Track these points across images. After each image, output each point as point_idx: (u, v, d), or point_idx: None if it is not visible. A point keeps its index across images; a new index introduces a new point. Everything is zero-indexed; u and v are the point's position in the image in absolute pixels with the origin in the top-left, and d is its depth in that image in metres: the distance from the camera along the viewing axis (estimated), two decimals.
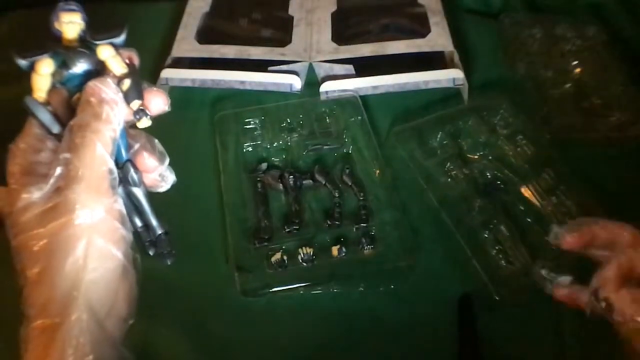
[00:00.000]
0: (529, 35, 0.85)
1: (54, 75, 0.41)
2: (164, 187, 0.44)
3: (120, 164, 0.41)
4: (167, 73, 0.77)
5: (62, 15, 0.42)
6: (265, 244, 0.63)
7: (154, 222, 0.43)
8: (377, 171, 0.71)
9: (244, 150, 0.73)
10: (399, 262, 0.63)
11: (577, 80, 0.80)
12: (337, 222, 0.66)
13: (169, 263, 0.45)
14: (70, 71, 0.41)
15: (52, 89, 0.41)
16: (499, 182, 0.70)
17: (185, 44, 0.81)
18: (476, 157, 0.72)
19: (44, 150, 0.41)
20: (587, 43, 0.83)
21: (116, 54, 0.42)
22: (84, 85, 0.40)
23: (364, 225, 0.66)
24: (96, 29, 0.42)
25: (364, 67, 0.80)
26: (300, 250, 0.63)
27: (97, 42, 0.41)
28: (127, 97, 0.41)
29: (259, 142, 0.74)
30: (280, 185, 0.69)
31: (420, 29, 0.85)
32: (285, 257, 0.62)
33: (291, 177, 0.69)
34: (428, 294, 0.63)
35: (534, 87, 0.80)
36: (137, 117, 0.41)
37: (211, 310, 0.61)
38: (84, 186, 0.36)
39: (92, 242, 0.36)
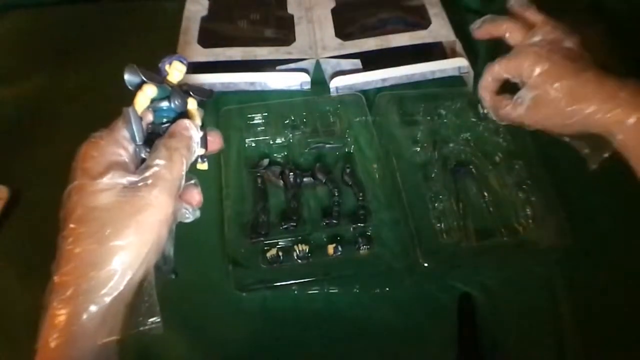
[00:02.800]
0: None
1: (151, 100, 0.48)
2: (189, 219, 0.51)
3: None
4: None
5: (176, 64, 0.49)
6: (262, 239, 0.64)
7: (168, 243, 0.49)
8: (377, 174, 0.70)
9: (247, 146, 0.74)
10: (394, 263, 0.63)
11: None
12: (334, 221, 0.66)
13: (173, 277, 0.51)
14: (164, 105, 0.48)
15: (144, 110, 0.48)
16: (470, 166, 0.71)
17: (189, 49, 0.82)
18: (455, 138, 0.74)
19: (124, 151, 0.45)
20: (588, 42, 0.80)
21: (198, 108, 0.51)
22: (172, 119, 0.48)
23: (362, 225, 0.66)
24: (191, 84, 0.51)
25: (367, 61, 0.80)
26: (295, 247, 0.63)
27: (192, 95, 0.50)
28: (201, 143, 0.50)
29: (261, 138, 0.75)
30: (281, 181, 0.70)
31: (421, 20, 0.85)
32: (280, 253, 0.63)
33: (292, 174, 0.69)
34: (425, 296, 0.62)
35: None
36: (201, 160, 0.50)
37: (206, 307, 0.62)
38: (168, 188, 0.43)
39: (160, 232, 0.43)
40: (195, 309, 0.62)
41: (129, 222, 0.41)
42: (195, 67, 0.80)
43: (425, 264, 0.62)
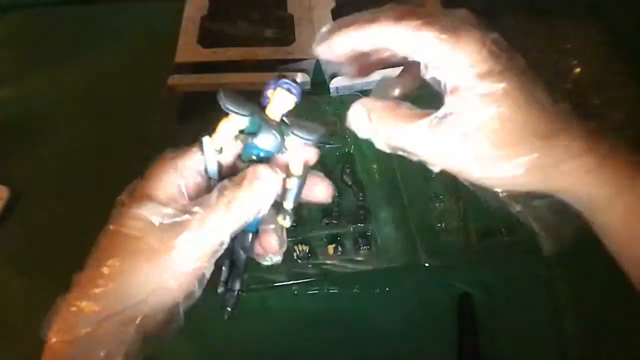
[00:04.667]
0: (528, 34, 0.84)
1: (240, 131, 0.41)
2: (267, 262, 0.45)
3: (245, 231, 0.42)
4: (174, 80, 0.78)
5: (280, 93, 0.40)
6: None
7: (238, 281, 0.44)
8: (377, 174, 0.70)
9: None
10: (394, 263, 0.63)
11: (577, 80, 0.79)
12: (334, 221, 0.66)
13: (225, 317, 0.45)
14: (255, 142, 0.41)
15: (231, 140, 0.42)
16: None
17: (189, 49, 0.82)
18: None
19: (183, 180, 0.41)
20: (587, 42, 0.82)
21: (302, 151, 0.41)
22: (263, 159, 0.41)
23: (361, 225, 0.66)
24: (299, 117, 0.41)
25: None
26: (295, 247, 0.63)
27: (295, 134, 0.41)
28: (285, 195, 0.41)
29: None
30: None
31: None
32: None
33: None
34: (425, 295, 0.62)
35: None
36: (283, 216, 0.41)
37: (206, 307, 0.62)
38: (200, 240, 0.38)
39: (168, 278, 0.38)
40: (196, 309, 0.61)
41: (143, 270, 0.38)
42: (195, 67, 0.80)
43: (426, 264, 0.62)
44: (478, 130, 0.36)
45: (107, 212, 0.67)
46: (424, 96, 0.40)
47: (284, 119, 0.41)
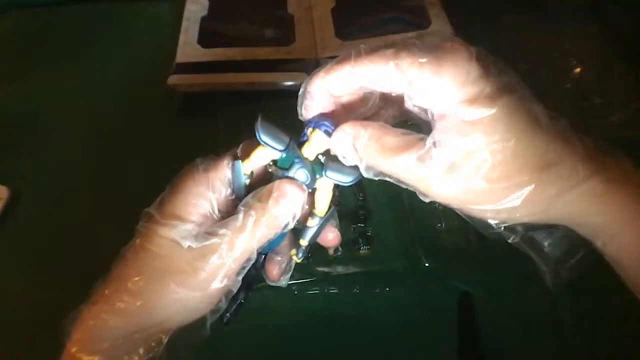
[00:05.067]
0: (529, 33, 0.85)
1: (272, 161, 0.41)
2: (282, 282, 0.46)
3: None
4: (174, 79, 0.78)
5: (317, 135, 0.39)
6: None
7: (243, 292, 0.44)
8: None
9: None
10: (395, 263, 0.63)
11: (577, 80, 0.79)
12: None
13: (224, 320, 0.44)
14: (287, 175, 0.40)
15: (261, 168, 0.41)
16: None
17: (189, 49, 0.82)
18: None
19: (222, 193, 0.41)
20: (587, 42, 0.82)
21: (331, 192, 0.41)
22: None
23: (362, 225, 0.66)
24: (334, 159, 0.40)
25: None
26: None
27: (328, 176, 0.40)
28: (303, 232, 0.42)
29: None
30: None
31: (421, 21, 0.85)
32: None
33: None
34: (425, 295, 0.62)
35: (533, 86, 0.78)
36: (297, 251, 0.42)
37: None
38: (228, 262, 0.38)
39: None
40: None
41: (170, 290, 0.38)
42: (195, 67, 0.80)
43: (426, 264, 0.62)
44: (466, 162, 0.33)
45: (107, 212, 0.68)
46: None
47: (320, 157, 0.40)
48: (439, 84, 0.33)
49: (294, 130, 0.41)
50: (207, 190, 0.40)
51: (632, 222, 0.34)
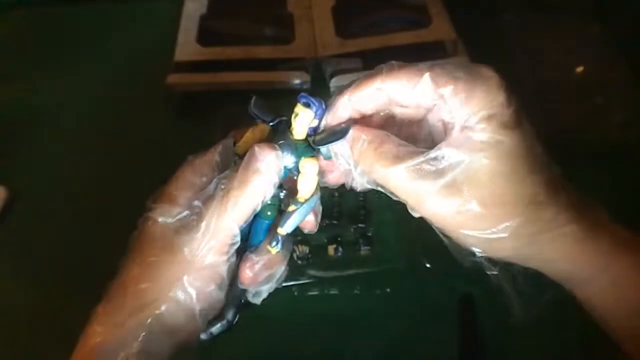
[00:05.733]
0: (529, 33, 0.85)
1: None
2: (256, 299, 0.44)
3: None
4: (173, 79, 0.78)
5: (298, 107, 0.38)
6: None
7: (232, 311, 0.42)
8: None
9: None
10: (395, 264, 0.63)
11: (578, 80, 0.79)
12: (335, 222, 0.65)
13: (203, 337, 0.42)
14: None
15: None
16: None
17: (188, 48, 0.82)
18: None
19: (210, 175, 0.40)
20: (588, 42, 0.82)
21: (316, 178, 0.39)
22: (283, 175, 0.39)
23: (362, 225, 0.65)
24: (326, 133, 0.38)
25: (367, 60, 0.80)
26: (296, 248, 0.63)
27: (317, 147, 0.38)
28: (282, 219, 0.39)
29: None
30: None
31: (422, 19, 0.84)
32: None
33: None
34: (426, 296, 0.62)
35: (534, 85, 0.78)
36: (273, 242, 0.39)
37: None
38: (206, 236, 0.37)
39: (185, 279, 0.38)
40: None
41: (160, 272, 0.37)
42: (194, 66, 0.80)
43: (427, 265, 0.62)
44: (467, 181, 0.33)
45: (107, 211, 0.67)
46: None
47: (310, 138, 0.39)
48: (469, 100, 0.33)
49: None
50: (194, 175, 0.40)
51: (606, 268, 0.36)
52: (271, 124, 0.40)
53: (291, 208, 0.39)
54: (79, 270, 0.62)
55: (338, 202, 0.67)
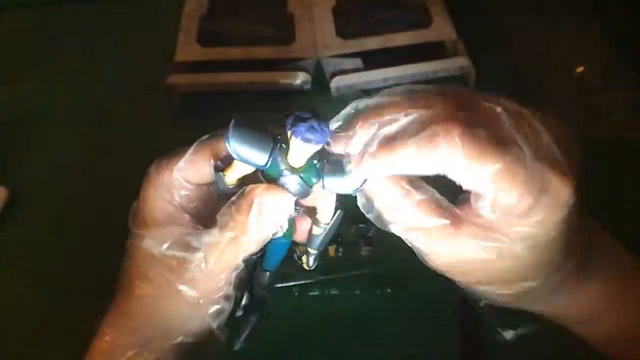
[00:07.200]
0: (529, 33, 0.85)
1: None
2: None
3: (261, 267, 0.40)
4: (174, 79, 0.78)
5: (295, 141, 0.32)
6: None
7: (255, 315, 0.43)
8: None
9: None
10: (396, 264, 0.63)
11: (578, 80, 0.79)
12: None
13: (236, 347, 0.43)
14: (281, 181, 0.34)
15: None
16: None
17: (188, 48, 0.81)
18: None
19: (181, 191, 0.39)
20: (588, 42, 0.82)
21: (334, 197, 0.36)
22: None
23: (363, 225, 0.65)
24: (332, 164, 0.34)
25: (368, 60, 0.80)
26: (296, 248, 0.63)
27: (325, 186, 0.34)
28: (310, 241, 0.39)
29: None
30: None
31: (423, 20, 0.84)
32: None
33: None
34: (426, 296, 0.61)
35: (534, 85, 0.79)
36: (307, 258, 0.39)
37: None
38: (209, 278, 0.36)
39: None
40: None
41: (164, 303, 0.37)
42: (194, 66, 0.80)
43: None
44: (500, 256, 0.33)
45: (107, 213, 0.67)
46: None
47: (315, 162, 0.34)
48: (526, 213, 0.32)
49: None
50: (164, 192, 0.38)
51: (601, 312, 0.37)
52: (262, 167, 0.34)
53: (316, 231, 0.38)
54: (79, 271, 0.62)
55: (342, 202, 0.66)
